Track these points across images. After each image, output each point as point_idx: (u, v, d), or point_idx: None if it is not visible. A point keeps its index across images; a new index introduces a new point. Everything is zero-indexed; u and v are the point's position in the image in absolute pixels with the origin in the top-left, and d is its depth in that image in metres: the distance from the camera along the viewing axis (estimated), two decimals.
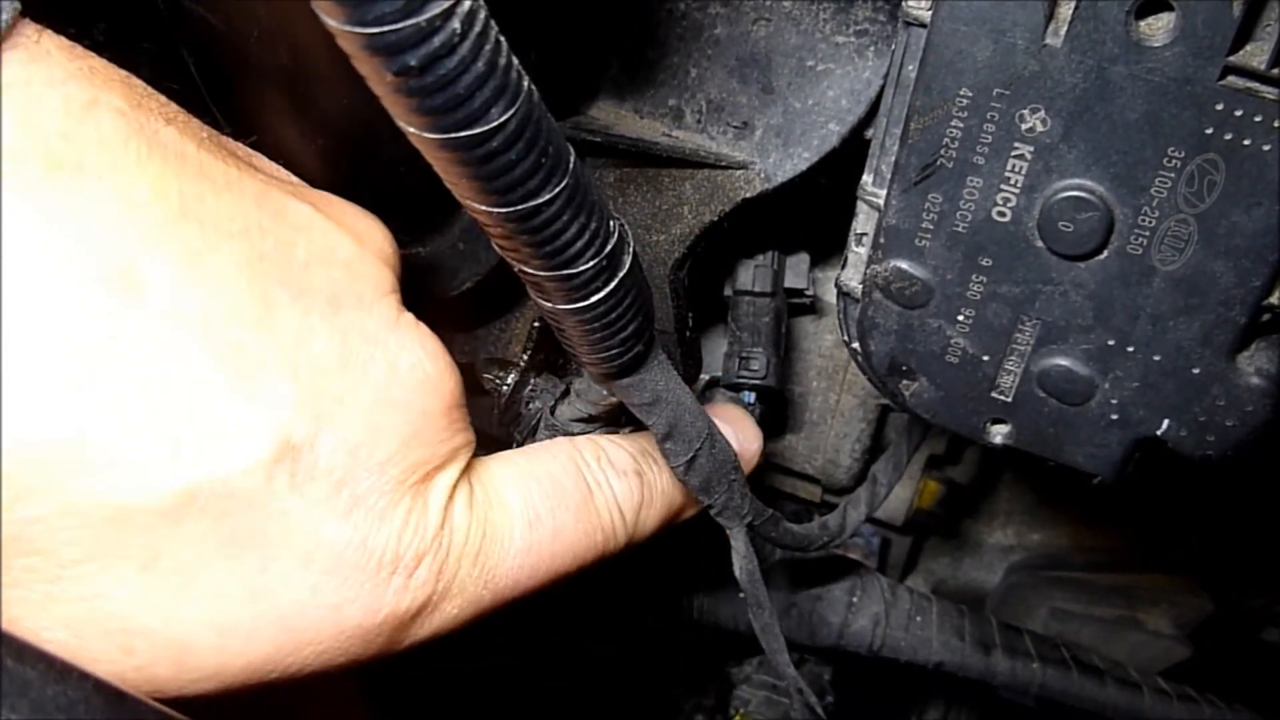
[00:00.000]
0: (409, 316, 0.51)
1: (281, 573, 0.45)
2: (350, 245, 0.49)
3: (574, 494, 0.60)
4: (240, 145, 0.51)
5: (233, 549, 0.44)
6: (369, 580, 0.48)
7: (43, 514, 0.39)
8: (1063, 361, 0.60)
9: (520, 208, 0.42)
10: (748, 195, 0.75)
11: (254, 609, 0.45)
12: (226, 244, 0.43)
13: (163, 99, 0.46)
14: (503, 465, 0.58)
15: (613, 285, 0.49)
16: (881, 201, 0.60)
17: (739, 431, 0.74)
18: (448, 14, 0.34)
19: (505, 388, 0.79)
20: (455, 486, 0.52)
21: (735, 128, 0.75)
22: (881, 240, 0.60)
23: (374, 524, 0.47)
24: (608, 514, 0.61)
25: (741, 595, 0.72)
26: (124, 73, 0.44)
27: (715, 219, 0.78)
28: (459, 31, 0.35)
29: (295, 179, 0.53)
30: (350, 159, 0.48)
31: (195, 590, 0.43)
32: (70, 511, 0.40)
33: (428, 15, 0.34)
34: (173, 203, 0.42)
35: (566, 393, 0.75)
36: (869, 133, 0.71)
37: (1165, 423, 0.59)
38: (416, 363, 0.50)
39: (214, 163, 0.45)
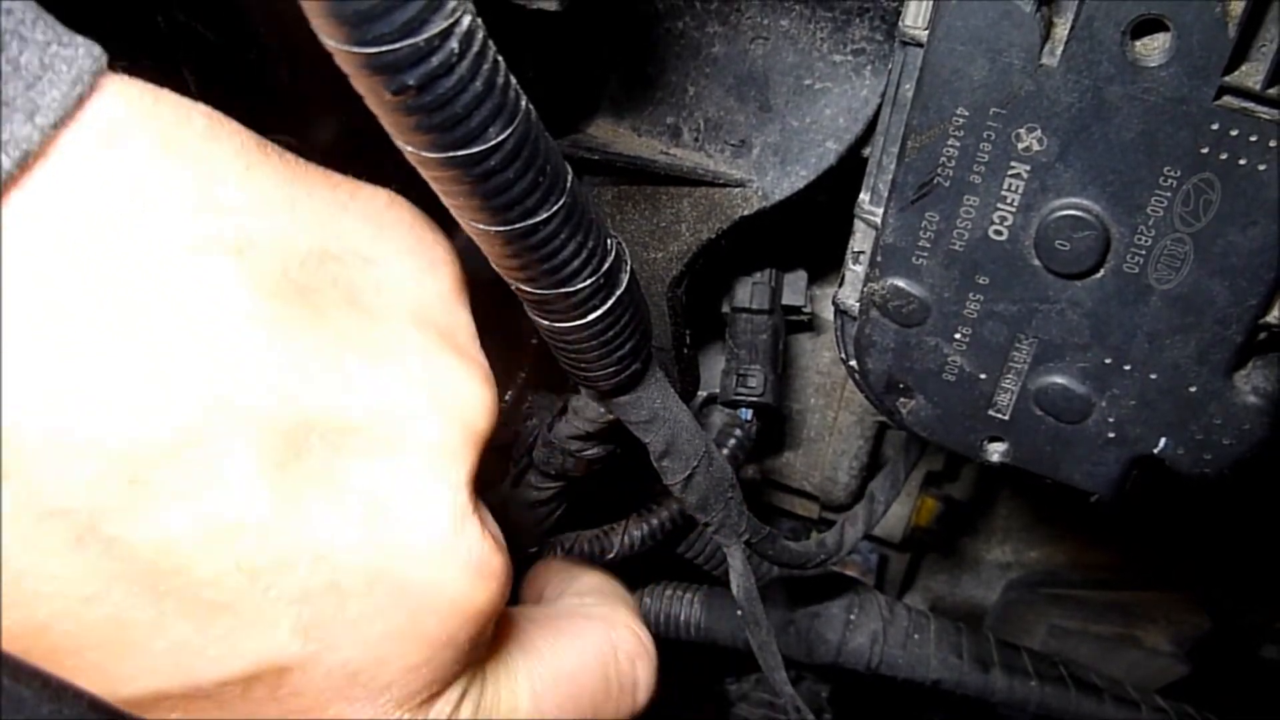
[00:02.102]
0: (475, 521, 0.46)
1: None
2: (432, 424, 0.45)
3: (590, 700, 0.58)
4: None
5: None
6: None
7: None
8: (1060, 380, 0.60)
9: (518, 226, 0.42)
10: (745, 213, 0.75)
11: None
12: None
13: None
14: (523, 662, 0.55)
15: (610, 303, 0.49)
16: (879, 220, 0.60)
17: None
18: (446, 34, 0.35)
19: (502, 405, 0.79)
20: (462, 698, 0.49)
21: (733, 146, 0.75)
22: (879, 258, 0.61)
23: None
24: (615, 714, 0.60)
25: (739, 613, 0.72)
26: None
27: (713, 237, 0.78)
28: (457, 51, 0.35)
29: (416, 313, 0.48)
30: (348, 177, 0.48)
31: None
32: None
33: (426, 35, 0.34)
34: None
35: (564, 410, 0.75)
36: (866, 151, 0.71)
37: (1162, 441, 0.59)
38: (465, 590, 0.46)
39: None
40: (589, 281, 0.47)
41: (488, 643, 0.51)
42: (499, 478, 0.82)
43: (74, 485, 0.36)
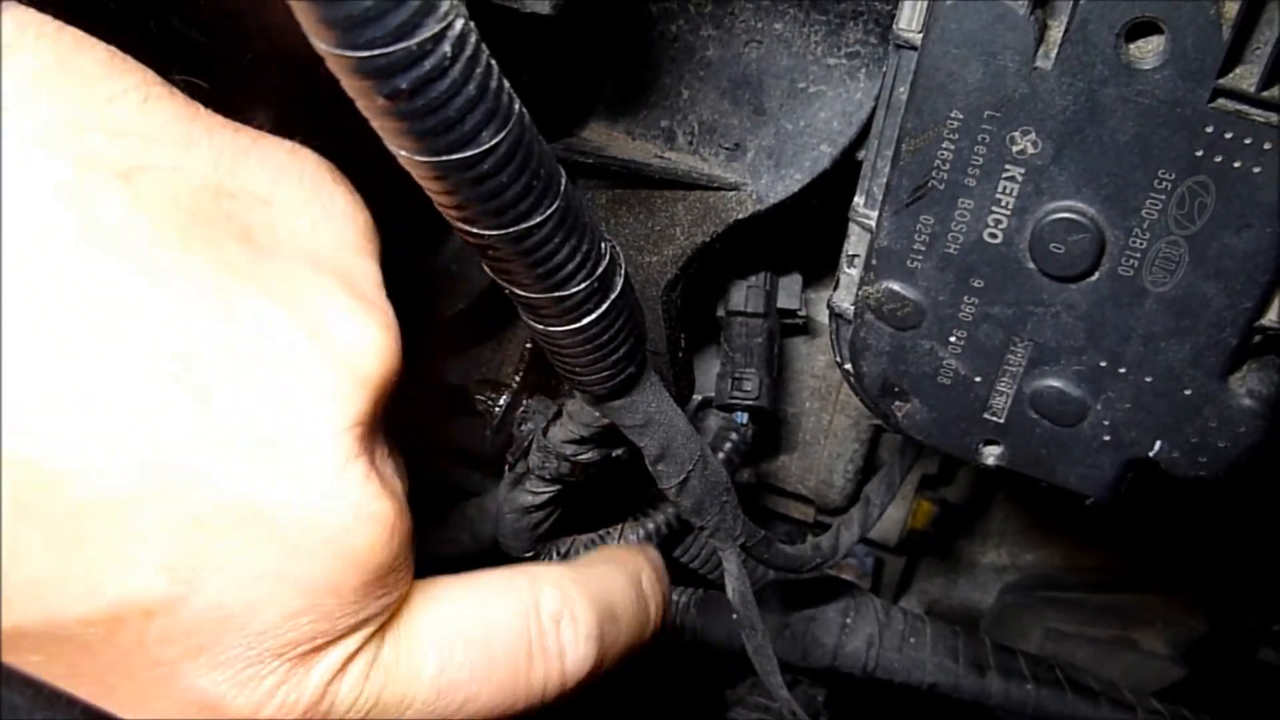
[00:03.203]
0: (361, 465, 0.44)
1: (118, 710, 0.42)
2: (317, 364, 0.43)
3: (507, 664, 0.53)
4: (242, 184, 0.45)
5: (68, 681, 0.40)
6: None
7: None
8: (1055, 383, 0.60)
9: (512, 230, 0.42)
10: (740, 216, 0.75)
11: None
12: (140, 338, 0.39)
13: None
14: (431, 613, 0.51)
15: (605, 307, 0.49)
16: (873, 223, 0.60)
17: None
18: (439, 37, 0.34)
19: (497, 409, 0.79)
20: (354, 655, 0.47)
21: (727, 149, 0.75)
22: (873, 261, 0.60)
23: (232, 690, 0.43)
24: (541, 684, 0.55)
25: (735, 616, 0.72)
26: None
27: (707, 240, 0.78)
28: (450, 55, 0.35)
29: (302, 246, 0.46)
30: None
31: None
32: None
33: (419, 39, 0.34)
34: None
35: (559, 414, 0.75)
36: (861, 154, 0.71)
37: (1157, 444, 0.59)
38: (342, 532, 0.43)
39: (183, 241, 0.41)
40: (583, 286, 0.46)
41: (388, 602, 0.48)
42: (493, 480, 0.82)
43: None
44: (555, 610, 0.56)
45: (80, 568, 0.38)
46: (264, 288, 0.42)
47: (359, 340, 0.44)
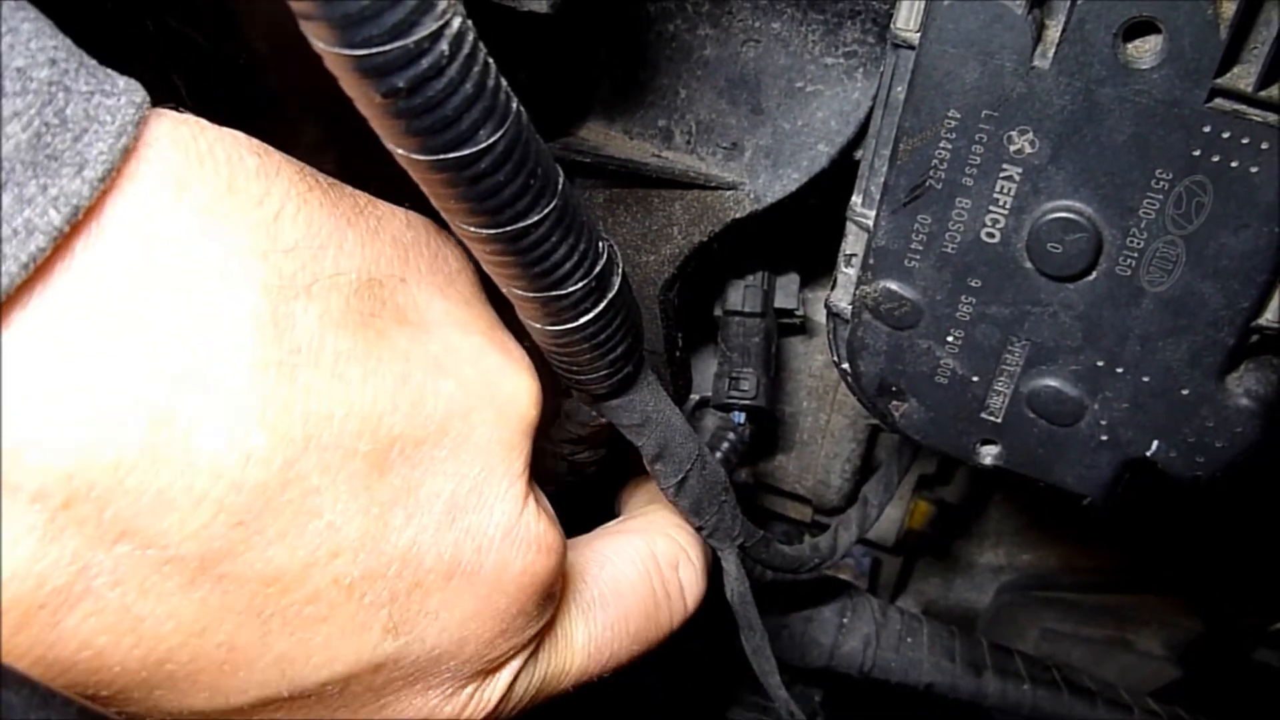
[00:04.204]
0: (533, 503, 0.50)
1: None
2: (491, 423, 0.48)
3: (640, 612, 0.61)
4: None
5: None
6: None
7: None
8: (1052, 382, 0.60)
9: (509, 229, 0.42)
10: (737, 216, 0.75)
11: None
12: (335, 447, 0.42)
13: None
14: (572, 588, 0.59)
15: (602, 306, 0.49)
16: (871, 222, 0.60)
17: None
18: (436, 36, 0.34)
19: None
20: (529, 656, 0.55)
21: (725, 149, 0.75)
22: (871, 261, 0.60)
23: (438, 704, 0.50)
24: (668, 622, 0.63)
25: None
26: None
27: (705, 240, 0.78)
28: (447, 53, 0.35)
29: (456, 311, 0.50)
30: (339, 181, 0.48)
31: None
32: None
33: (416, 37, 0.34)
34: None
35: (557, 414, 0.75)
36: (858, 154, 0.71)
37: (1154, 444, 0.59)
38: (527, 566, 0.50)
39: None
40: (580, 285, 0.46)
41: (551, 609, 0.55)
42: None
43: (186, 534, 0.38)
44: (671, 556, 0.65)
45: (320, 643, 0.43)
46: (435, 365, 0.46)
47: (517, 391, 0.50)
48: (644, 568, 0.63)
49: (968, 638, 1.07)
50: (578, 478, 0.79)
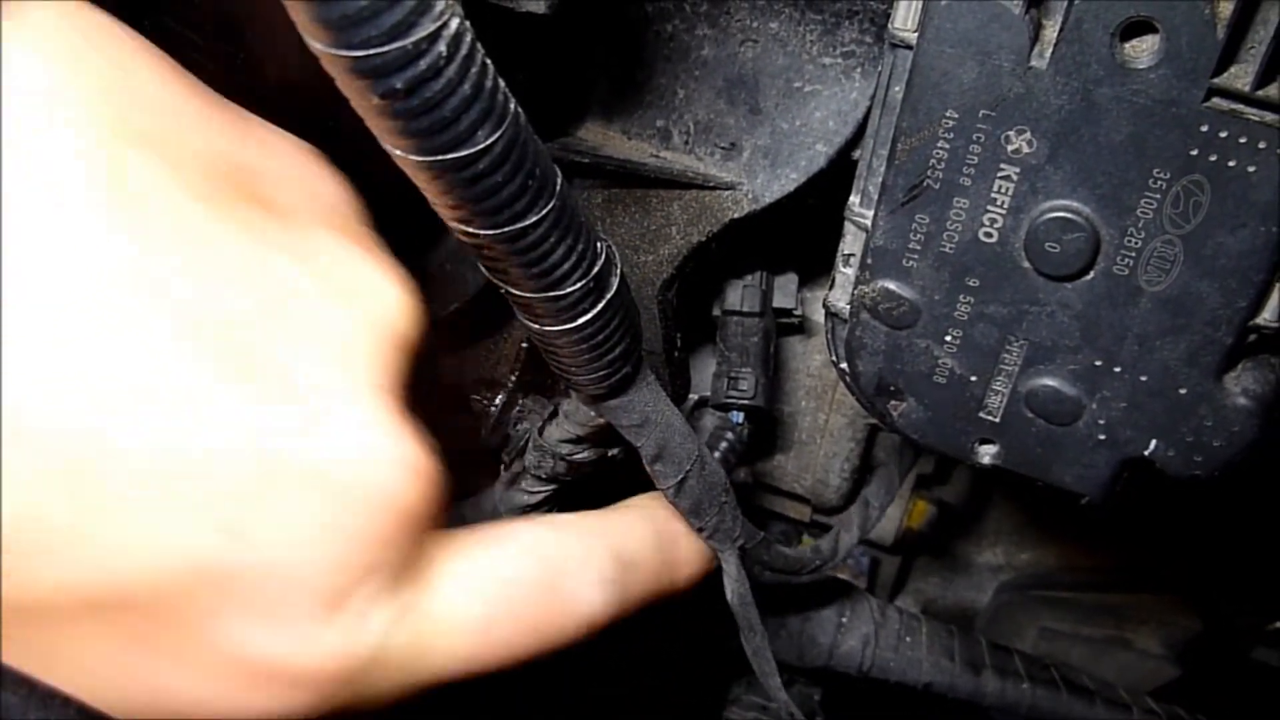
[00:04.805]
0: (395, 420, 0.45)
1: (168, 671, 0.42)
2: (350, 324, 0.44)
3: (529, 609, 0.54)
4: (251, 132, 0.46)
5: (131, 652, 0.41)
6: (269, 691, 0.44)
7: None
8: (1050, 382, 0.60)
9: (507, 229, 0.42)
10: (735, 216, 0.75)
11: (132, 693, 0.43)
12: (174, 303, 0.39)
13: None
14: (460, 562, 0.52)
15: (600, 306, 0.49)
16: (869, 222, 0.60)
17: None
18: (434, 37, 0.34)
19: (493, 409, 0.79)
20: (394, 600, 0.48)
21: (723, 149, 0.75)
22: (869, 261, 0.61)
23: (284, 640, 0.44)
24: (560, 627, 0.56)
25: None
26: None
27: (703, 240, 0.78)
28: (445, 54, 0.35)
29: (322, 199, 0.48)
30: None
31: (88, 683, 0.41)
32: None
33: (414, 38, 0.34)
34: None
35: (555, 414, 0.75)
36: (856, 154, 0.71)
37: (1153, 443, 0.59)
38: (387, 483, 0.44)
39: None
40: (579, 285, 0.46)
41: (427, 552, 0.49)
42: (489, 479, 0.82)
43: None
44: (574, 556, 0.57)
45: (138, 532, 0.39)
46: (292, 252, 0.43)
47: (386, 300, 0.45)
48: (543, 562, 0.56)
49: (966, 637, 1.07)
50: (577, 478, 0.79)
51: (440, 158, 0.38)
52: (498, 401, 0.79)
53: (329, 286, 0.44)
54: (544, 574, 0.56)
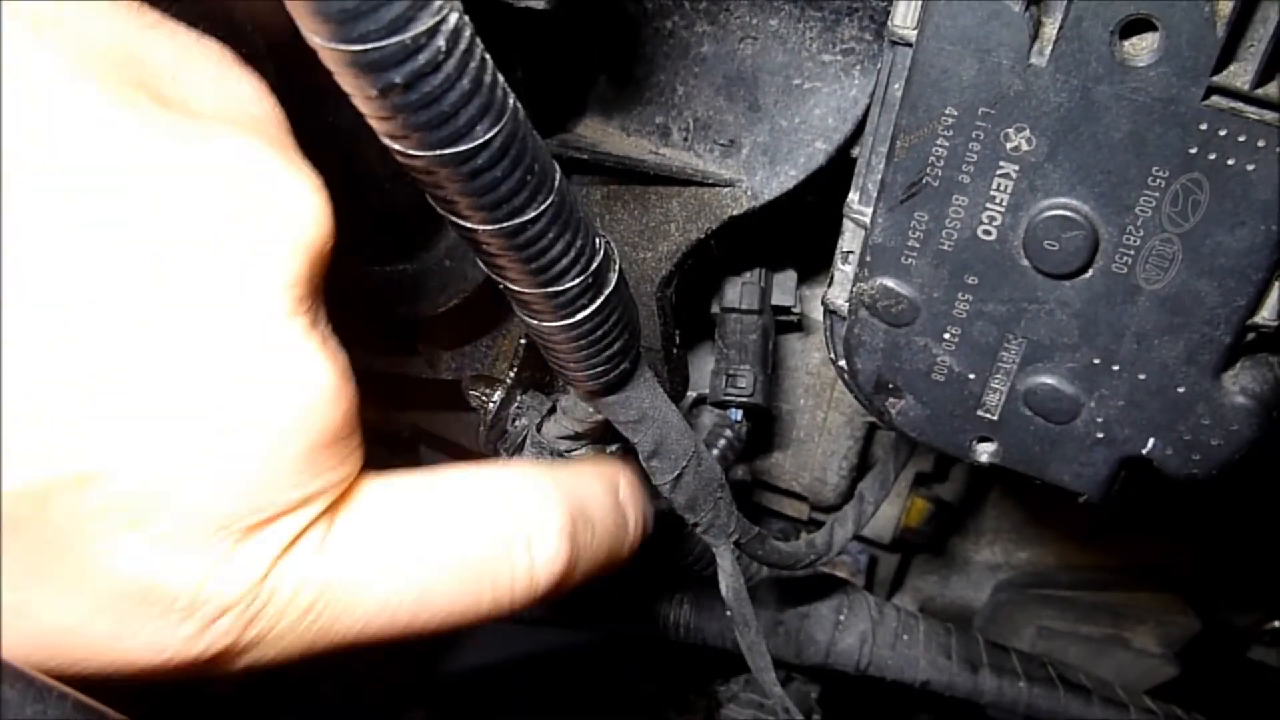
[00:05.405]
0: (301, 326, 0.42)
1: (49, 595, 0.40)
2: (256, 222, 0.40)
3: (473, 559, 0.50)
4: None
5: (13, 573, 0.39)
6: (154, 620, 0.41)
7: None
8: (1048, 380, 0.60)
9: (506, 225, 0.42)
10: (735, 213, 0.75)
11: (14, 623, 0.39)
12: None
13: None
14: (388, 501, 0.48)
15: (599, 302, 0.49)
16: (868, 220, 0.60)
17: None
18: (433, 31, 0.34)
19: (491, 405, 0.79)
20: (301, 534, 0.44)
21: (722, 145, 0.75)
22: (868, 258, 0.60)
23: (167, 567, 0.40)
24: (508, 583, 0.51)
25: (728, 613, 0.72)
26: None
27: (702, 236, 0.78)
28: (444, 48, 0.35)
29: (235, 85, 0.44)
30: (334, 177, 0.47)
31: None
32: None
33: (413, 33, 0.34)
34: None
35: (553, 410, 0.75)
36: (855, 151, 0.71)
37: (1151, 441, 0.59)
38: (286, 398, 0.41)
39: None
40: (577, 281, 0.46)
41: (336, 479, 0.45)
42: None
43: None
44: (528, 503, 0.53)
45: (6, 440, 0.36)
46: (187, 145, 0.40)
47: (292, 200, 0.42)
48: (492, 509, 0.51)
49: (964, 635, 1.08)
50: None
51: (439, 153, 0.38)
52: (496, 397, 0.79)
53: (230, 183, 0.40)
54: (494, 521, 0.51)
